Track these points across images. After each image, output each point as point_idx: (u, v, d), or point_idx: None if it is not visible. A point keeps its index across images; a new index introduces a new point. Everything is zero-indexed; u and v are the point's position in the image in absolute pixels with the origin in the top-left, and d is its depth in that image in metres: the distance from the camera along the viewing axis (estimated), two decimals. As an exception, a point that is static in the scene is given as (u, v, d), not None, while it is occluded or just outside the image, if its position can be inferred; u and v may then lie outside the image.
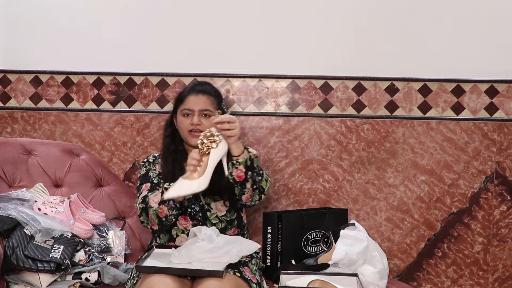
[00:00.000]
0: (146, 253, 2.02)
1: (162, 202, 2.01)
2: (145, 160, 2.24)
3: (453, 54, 2.51)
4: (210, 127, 2.05)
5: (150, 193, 2.08)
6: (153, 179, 2.16)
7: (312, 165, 2.56)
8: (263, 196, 2.10)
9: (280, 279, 2.04)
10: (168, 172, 2.13)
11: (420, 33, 2.52)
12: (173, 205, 2.02)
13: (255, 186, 2.05)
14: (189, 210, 2.13)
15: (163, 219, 2.03)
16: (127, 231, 2.35)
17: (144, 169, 2.20)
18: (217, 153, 1.98)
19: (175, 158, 2.16)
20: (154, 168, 2.19)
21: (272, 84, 2.58)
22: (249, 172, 2.02)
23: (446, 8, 2.51)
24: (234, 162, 2.01)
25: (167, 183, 2.04)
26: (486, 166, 2.52)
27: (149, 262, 1.95)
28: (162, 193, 2.01)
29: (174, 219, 2.07)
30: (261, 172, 2.08)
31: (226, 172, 2.01)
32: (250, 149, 2.11)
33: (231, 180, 2.03)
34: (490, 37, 2.50)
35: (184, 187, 1.96)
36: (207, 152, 1.97)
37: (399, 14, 2.53)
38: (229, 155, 2.03)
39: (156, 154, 2.26)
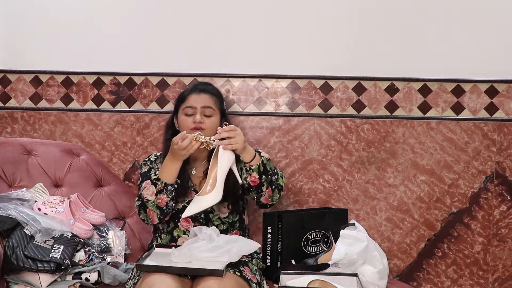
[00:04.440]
0: (147, 253, 2.03)
1: (159, 191, 2.01)
2: (146, 159, 2.24)
3: (453, 54, 2.51)
4: (211, 127, 2.06)
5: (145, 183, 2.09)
6: (151, 176, 2.15)
7: (312, 165, 2.56)
8: (282, 193, 2.12)
9: (280, 279, 2.03)
10: None
11: (420, 33, 2.52)
12: (171, 188, 2.02)
13: (273, 186, 2.06)
14: None
15: (164, 208, 2.03)
16: (127, 231, 2.35)
17: (146, 167, 2.19)
18: (224, 165, 1.98)
19: None
20: (157, 166, 2.19)
21: (272, 84, 2.58)
22: (263, 176, 2.02)
23: (446, 8, 2.51)
24: (248, 168, 2.01)
25: (155, 175, 2.04)
26: (486, 166, 2.52)
27: (149, 261, 1.95)
28: (154, 184, 2.01)
29: (173, 205, 2.06)
30: (275, 171, 2.09)
31: (240, 181, 2.01)
32: (262, 153, 2.11)
33: (245, 185, 2.04)
34: (490, 37, 2.50)
35: (200, 203, 1.98)
36: (204, 147, 1.98)
37: (399, 14, 2.53)
38: (240, 160, 2.03)
39: (158, 154, 2.25)
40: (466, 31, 2.51)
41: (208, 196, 1.97)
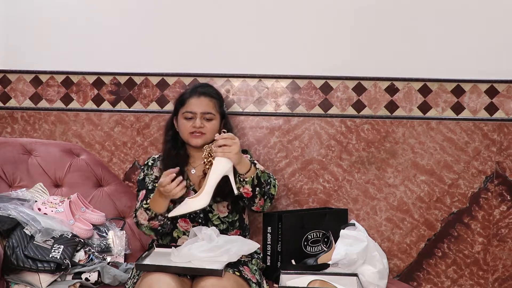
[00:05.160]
0: (147, 252, 2.03)
1: (151, 218, 2.02)
2: (145, 163, 2.23)
3: (453, 54, 2.51)
4: (212, 131, 2.07)
5: (138, 206, 2.08)
6: (148, 184, 2.14)
7: (312, 165, 2.56)
8: (272, 201, 2.10)
9: (280, 279, 2.04)
10: None
11: (420, 33, 2.52)
12: (162, 218, 2.02)
13: (265, 197, 2.04)
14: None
15: (158, 228, 2.05)
16: (127, 231, 2.35)
17: (142, 174, 2.19)
18: (218, 171, 1.93)
19: (175, 162, 2.14)
20: (151, 172, 2.18)
21: (272, 84, 2.58)
22: (257, 189, 1.99)
23: (446, 8, 2.51)
24: (241, 180, 1.98)
25: (147, 203, 2.03)
26: (486, 166, 2.52)
27: (149, 260, 1.95)
28: (146, 211, 2.01)
29: (169, 223, 2.07)
30: (269, 181, 2.06)
31: (235, 191, 1.97)
32: (258, 165, 2.07)
33: (239, 194, 2.01)
34: (490, 37, 2.50)
35: (186, 205, 1.95)
36: (207, 165, 1.95)
37: (399, 14, 2.53)
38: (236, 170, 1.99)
39: (156, 156, 2.24)
40: (466, 31, 2.51)
41: (195, 200, 1.94)
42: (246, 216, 2.23)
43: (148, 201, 2.04)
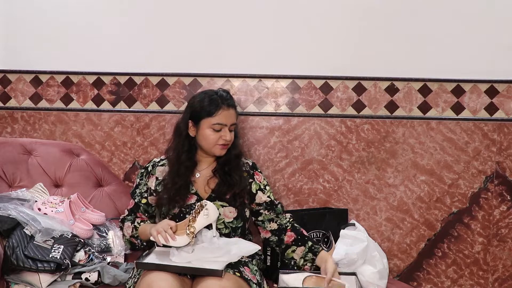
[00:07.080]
0: (147, 251, 2.03)
1: (133, 236, 2.14)
2: (145, 166, 2.21)
3: (453, 54, 2.51)
4: (232, 140, 2.11)
5: (128, 217, 2.18)
6: (135, 196, 2.18)
7: (312, 165, 2.56)
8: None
9: (280, 279, 2.03)
10: (178, 188, 2.10)
11: (420, 33, 2.52)
12: (140, 242, 2.15)
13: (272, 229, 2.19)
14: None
15: (136, 245, 2.16)
16: (127, 231, 2.35)
17: (138, 179, 2.19)
18: (208, 219, 1.98)
19: (186, 167, 2.12)
20: (146, 181, 2.17)
21: (272, 84, 2.58)
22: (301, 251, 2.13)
23: (446, 8, 2.51)
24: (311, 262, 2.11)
25: (139, 224, 2.13)
26: (486, 166, 2.52)
27: (149, 259, 1.95)
28: (134, 228, 2.13)
29: (145, 244, 2.15)
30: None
31: (215, 234, 1.98)
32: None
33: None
34: (490, 37, 2.50)
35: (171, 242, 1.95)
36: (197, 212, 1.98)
37: (399, 14, 2.53)
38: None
39: (157, 160, 2.21)
40: (466, 31, 2.50)
41: (178, 237, 1.94)
42: (248, 225, 2.22)
43: (141, 224, 2.13)
